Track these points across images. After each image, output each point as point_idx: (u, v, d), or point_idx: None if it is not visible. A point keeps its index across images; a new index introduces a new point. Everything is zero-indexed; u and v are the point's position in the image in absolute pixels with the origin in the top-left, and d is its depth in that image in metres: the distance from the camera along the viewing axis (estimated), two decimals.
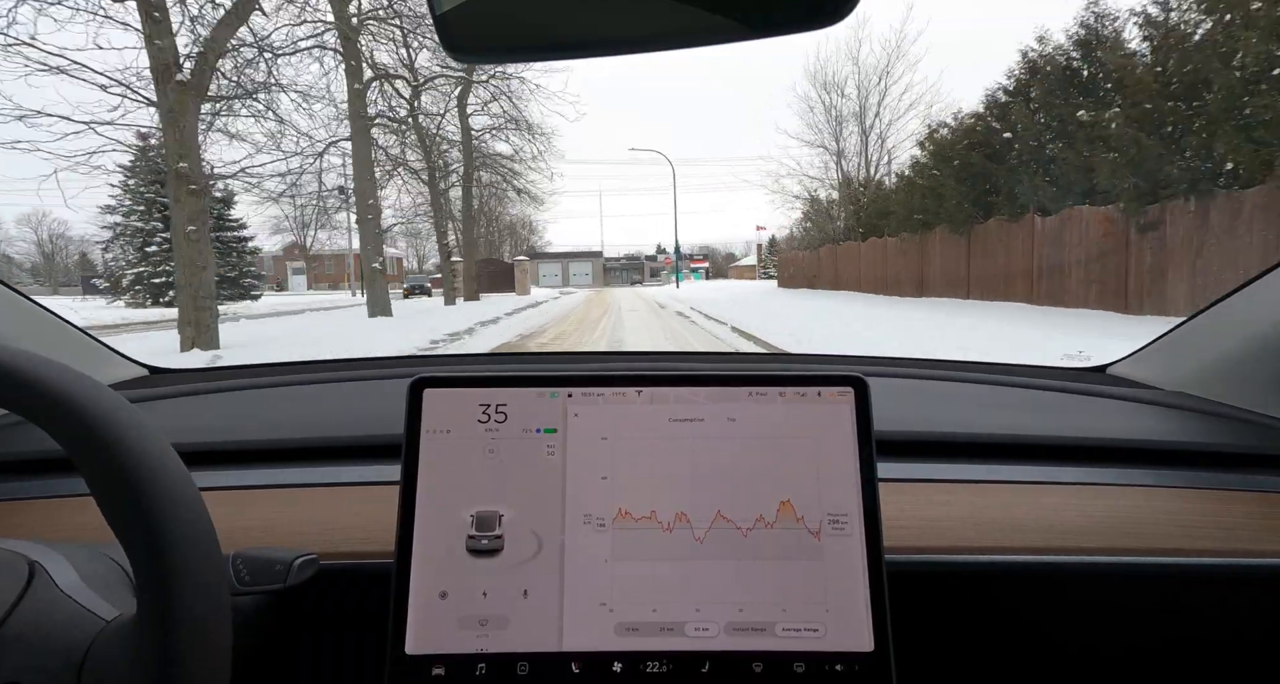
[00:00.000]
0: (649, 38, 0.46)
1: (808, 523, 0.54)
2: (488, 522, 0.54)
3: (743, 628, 0.52)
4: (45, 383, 0.41)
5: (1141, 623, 0.65)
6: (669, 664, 0.51)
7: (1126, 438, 0.80)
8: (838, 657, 0.51)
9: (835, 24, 0.44)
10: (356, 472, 0.74)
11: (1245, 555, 0.62)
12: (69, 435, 0.40)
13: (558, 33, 0.46)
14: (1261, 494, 0.70)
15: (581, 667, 0.51)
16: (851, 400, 0.56)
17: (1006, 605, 0.64)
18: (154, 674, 0.37)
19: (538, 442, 0.55)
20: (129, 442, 0.40)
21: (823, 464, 0.55)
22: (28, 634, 0.41)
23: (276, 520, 0.66)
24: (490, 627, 0.52)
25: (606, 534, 0.54)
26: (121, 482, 0.39)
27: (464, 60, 0.48)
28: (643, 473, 0.55)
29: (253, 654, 0.54)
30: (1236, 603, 0.64)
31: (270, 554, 0.53)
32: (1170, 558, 0.62)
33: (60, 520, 0.67)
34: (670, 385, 0.57)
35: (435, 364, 1.23)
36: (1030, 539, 0.63)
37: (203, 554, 0.40)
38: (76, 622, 0.42)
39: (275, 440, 0.81)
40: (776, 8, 0.45)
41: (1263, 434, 0.80)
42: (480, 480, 0.54)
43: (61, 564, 0.46)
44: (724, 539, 0.54)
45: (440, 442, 0.55)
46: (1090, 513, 0.66)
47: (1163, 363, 0.99)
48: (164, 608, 0.38)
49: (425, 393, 0.56)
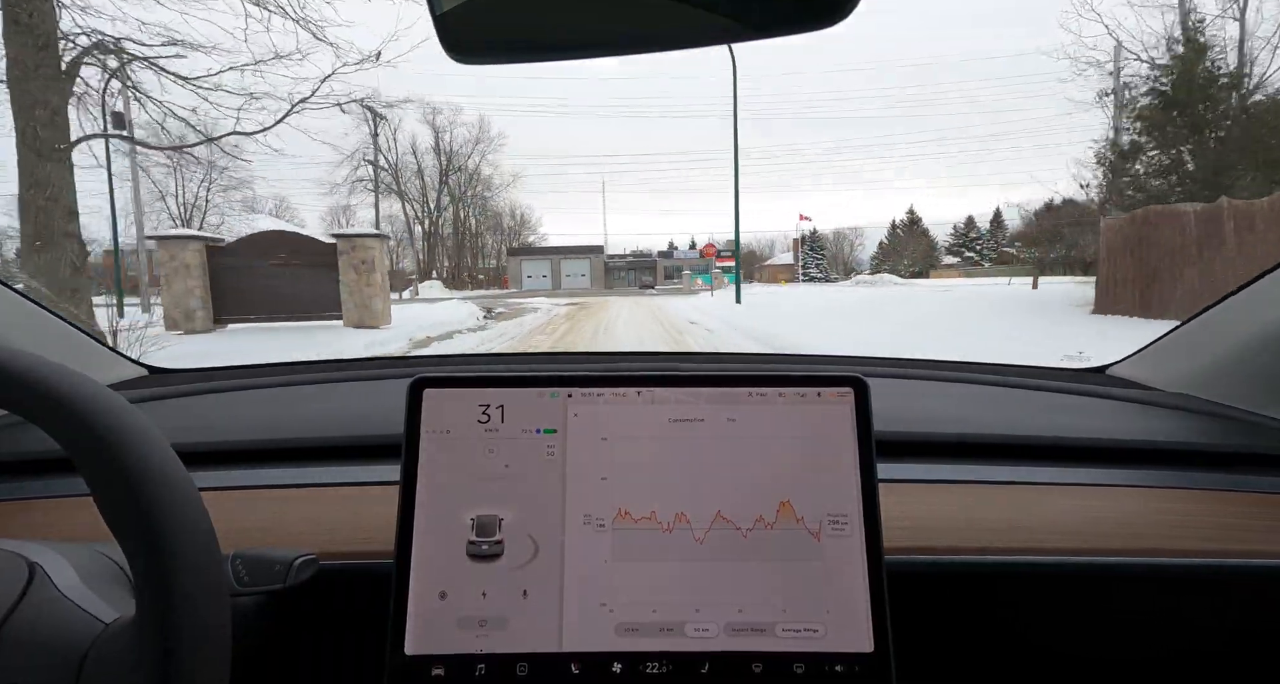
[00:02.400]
0: (649, 38, 0.46)
1: (807, 523, 0.54)
2: (488, 527, 0.54)
3: (742, 629, 0.52)
4: (44, 383, 0.40)
5: (1141, 623, 0.65)
6: (669, 665, 0.51)
7: (1126, 438, 0.80)
8: (838, 657, 0.51)
9: (835, 24, 0.44)
10: (356, 472, 0.74)
11: (1245, 556, 0.62)
12: (69, 436, 0.40)
13: (558, 33, 0.46)
14: (1261, 494, 0.70)
15: (581, 667, 0.51)
16: (851, 401, 0.56)
17: (1006, 606, 0.64)
18: (154, 677, 0.37)
19: (537, 442, 0.55)
20: (128, 442, 0.40)
21: (822, 464, 0.55)
22: (27, 636, 0.41)
23: (276, 520, 0.66)
24: (490, 627, 0.52)
25: (606, 535, 0.54)
26: (121, 482, 0.39)
27: (464, 61, 0.48)
28: (643, 473, 0.55)
29: (253, 655, 0.54)
30: (1236, 603, 0.64)
31: (270, 554, 0.53)
32: (1170, 558, 0.62)
33: (60, 520, 0.67)
34: (670, 386, 0.57)
35: (435, 364, 1.23)
36: (1030, 540, 0.63)
37: (202, 555, 0.40)
38: (75, 624, 0.42)
39: (275, 440, 0.81)
40: (776, 8, 0.45)
41: (1262, 434, 0.80)
42: (480, 481, 0.54)
43: (60, 564, 0.46)
44: (724, 540, 0.54)
45: (440, 442, 0.55)
46: (1090, 513, 0.66)
47: (1162, 364, 0.99)
48: (163, 610, 0.38)
49: (425, 393, 0.56)
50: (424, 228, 52.43)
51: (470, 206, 56.00)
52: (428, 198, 52.38)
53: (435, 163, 52.34)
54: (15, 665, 0.40)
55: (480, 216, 58.07)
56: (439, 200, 53.09)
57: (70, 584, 0.45)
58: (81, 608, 0.43)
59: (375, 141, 25.62)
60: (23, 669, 0.40)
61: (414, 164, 51.00)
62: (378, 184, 25.24)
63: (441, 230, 54.26)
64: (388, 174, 46.69)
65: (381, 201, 43.54)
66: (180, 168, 26.01)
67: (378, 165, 24.61)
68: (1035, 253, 19.52)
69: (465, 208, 55.60)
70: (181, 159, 15.17)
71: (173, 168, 28.84)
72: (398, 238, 51.11)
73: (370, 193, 39.92)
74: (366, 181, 24.71)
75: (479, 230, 59.75)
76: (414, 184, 51.59)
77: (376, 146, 24.68)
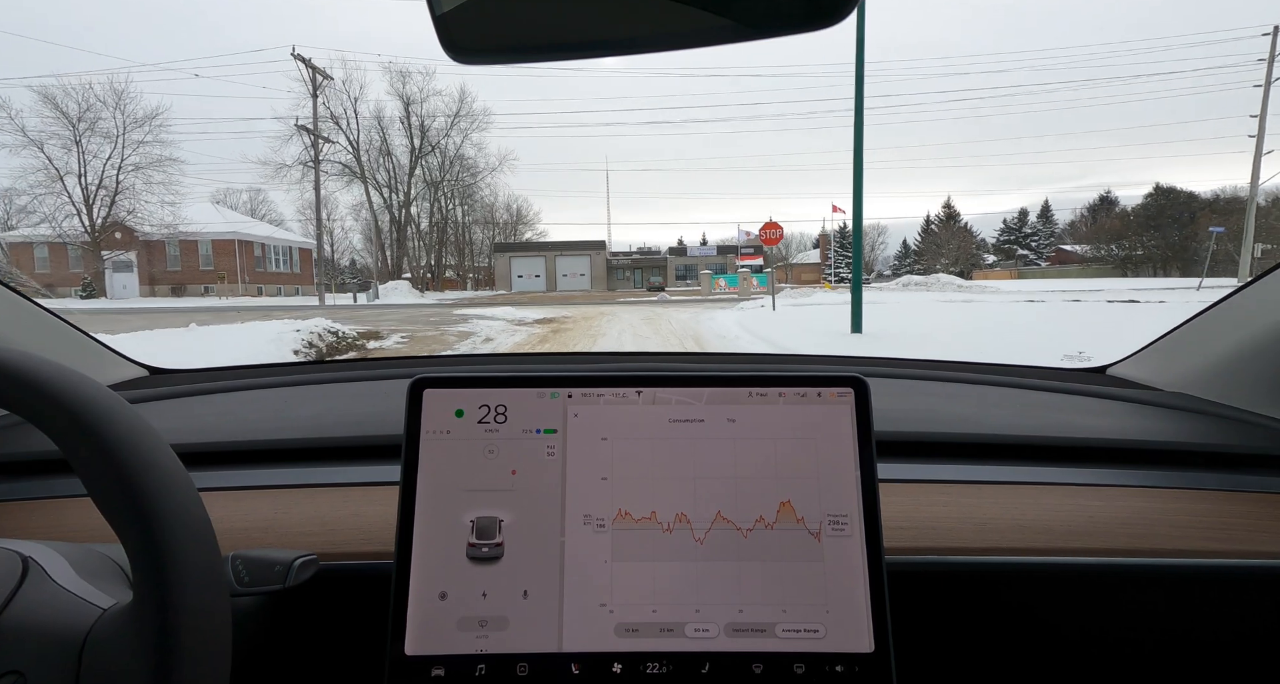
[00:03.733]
0: (649, 38, 0.46)
1: (808, 523, 0.54)
2: (488, 529, 0.54)
3: (743, 629, 0.52)
4: (44, 383, 0.41)
5: (1141, 623, 0.65)
6: (669, 665, 0.51)
7: (1126, 438, 0.80)
8: (838, 658, 0.51)
9: (835, 24, 0.44)
10: (356, 472, 0.74)
11: (1245, 556, 0.62)
12: (68, 436, 0.40)
13: (558, 33, 0.46)
14: (1261, 495, 0.70)
15: (581, 668, 0.51)
16: (851, 401, 0.56)
17: (1006, 606, 0.64)
18: (154, 657, 0.38)
19: (538, 442, 0.55)
20: (127, 443, 0.40)
21: (823, 465, 0.55)
22: (25, 625, 0.41)
23: (276, 521, 0.66)
24: (490, 627, 0.52)
25: (606, 535, 0.54)
26: (120, 483, 0.39)
27: (464, 61, 0.48)
28: (643, 473, 0.55)
29: (253, 655, 0.54)
30: (1236, 603, 0.64)
31: (270, 555, 0.53)
32: (1170, 559, 0.62)
33: (60, 520, 0.67)
34: (670, 386, 0.57)
35: (435, 364, 1.23)
36: (1030, 540, 0.63)
37: (202, 554, 0.40)
38: (73, 611, 0.42)
39: (275, 440, 0.81)
40: (776, 8, 0.45)
41: (1262, 435, 0.80)
42: (480, 481, 0.54)
43: (55, 559, 0.46)
44: (724, 540, 0.54)
45: (440, 442, 0.55)
46: (1090, 513, 0.66)
47: (1162, 363, 0.99)
48: (162, 594, 0.38)
49: (425, 393, 0.56)
50: (392, 217, 44.99)
51: (452, 194, 48.20)
52: (397, 183, 44.65)
53: (407, 143, 44.44)
54: (16, 653, 0.40)
55: (466, 206, 50.44)
56: (409, 185, 44.87)
57: (66, 576, 0.45)
58: (78, 597, 0.43)
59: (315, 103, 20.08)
60: (23, 656, 0.40)
61: (379, 142, 43.72)
62: (318, 160, 20.63)
63: (419, 221, 46.91)
64: (346, 152, 39.61)
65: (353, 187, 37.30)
66: (84, 140, 20.68)
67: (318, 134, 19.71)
68: (1122, 249, 17.19)
69: (445, 195, 47.99)
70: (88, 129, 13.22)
71: (74, 141, 22.98)
72: (366, 231, 43.52)
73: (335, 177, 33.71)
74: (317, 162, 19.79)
75: (466, 223, 51.55)
76: (383, 167, 44.35)
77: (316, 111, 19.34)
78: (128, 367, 1.07)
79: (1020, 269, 49.33)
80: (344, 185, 40.31)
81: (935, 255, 53.11)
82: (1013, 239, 56.82)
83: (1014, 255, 55.55)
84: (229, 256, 35.12)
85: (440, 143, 45.45)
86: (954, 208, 58.67)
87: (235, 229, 35.45)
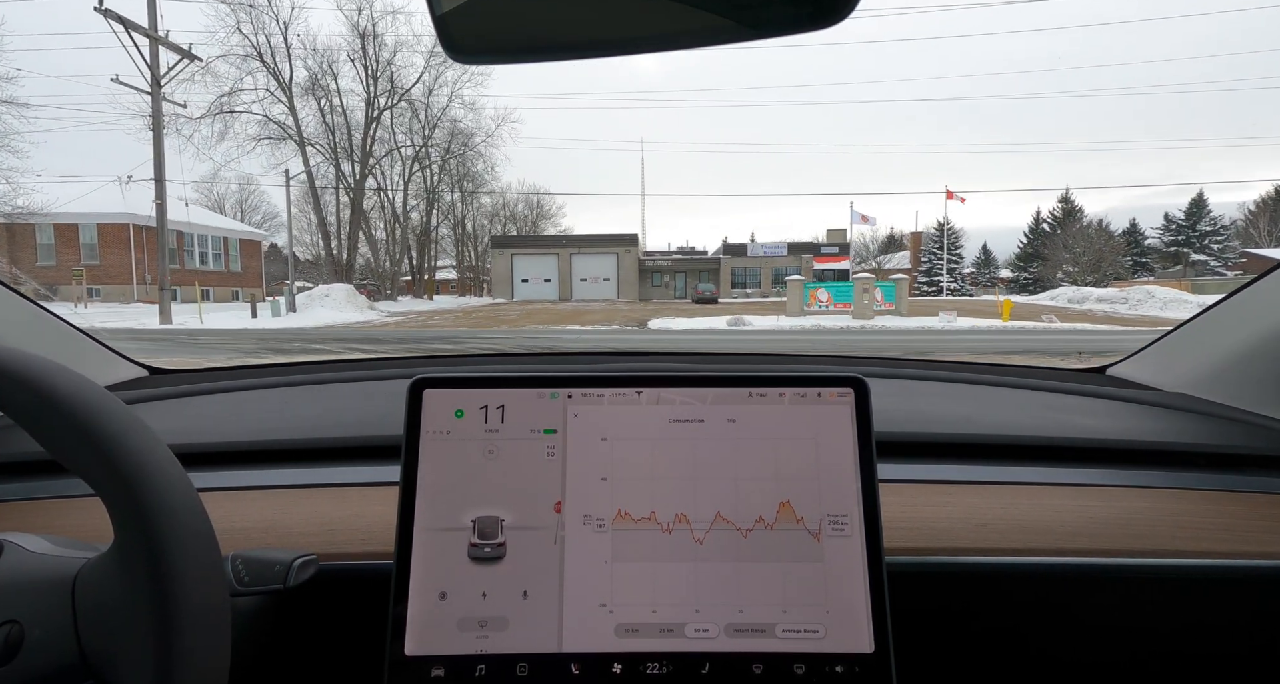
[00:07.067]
0: (649, 38, 0.46)
1: (808, 524, 0.54)
2: (489, 530, 0.54)
3: (743, 629, 0.52)
4: (42, 383, 0.40)
5: (1141, 624, 0.65)
6: (669, 665, 0.51)
7: (1126, 439, 0.80)
8: (838, 658, 0.51)
9: (835, 24, 0.44)
10: (356, 472, 0.74)
11: (1245, 556, 0.62)
12: (67, 437, 0.40)
13: (558, 33, 0.46)
14: (1261, 495, 0.70)
15: (581, 668, 0.51)
16: (851, 401, 0.56)
17: (1006, 606, 0.64)
18: (150, 594, 0.38)
19: (538, 442, 0.55)
20: (125, 444, 0.40)
21: (823, 465, 0.55)
22: (13, 580, 0.43)
23: (276, 521, 0.66)
24: (490, 628, 0.52)
25: (606, 535, 0.54)
26: (119, 484, 0.39)
27: (464, 61, 0.48)
28: (643, 474, 0.55)
29: (253, 655, 0.54)
30: (1237, 604, 0.64)
31: (270, 555, 0.53)
32: (1170, 559, 0.62)
33: (60, 521, 0.67)
34: (670, 386, 0.57)
35: (435, 364, 1.23)
36: (1030, 540, 0.63)
37: (202, 555, 0.40)
38: (57, 564, 0.45)
39: (275, 441, 0.81)
40: (776, 8, 0.45)
41: (1262, 435, 0.80)
42: (480, 481, 0.54)
43: (31, 539, 0.48)
44: (724, 540, 0.54)
45: (440, 442, 0.55)
46: (1090, 514, 0.66)
47: (1162, 364, 0.99)
48: (164, 591, 0.39)
49: (425, 393, 0.56)
50: (346, 194, 28.78)
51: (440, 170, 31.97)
52: (354, 148, 28.19)
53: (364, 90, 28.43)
54: (7, 604, 0.42)
55: (466, 188, 34.04)
56: (365, 151, 28.31)
57: (44, 548, 0.47)
58: (59, 557, 0.46)
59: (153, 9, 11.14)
60: (17, 605, 0.42)
61: (327, 85, 27.55)
62: (158, 119, 12.21)
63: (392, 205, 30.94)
64: (272, 98, 25.62)
65: (285, 149, 23.09)
66: None
67: (156, 38, 11.64)
68: None
69: (430, 172, 31.78)
70: None
71: None
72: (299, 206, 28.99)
73: (265, 141, 21.36)
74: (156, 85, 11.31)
75: (464, 213, 36.71)
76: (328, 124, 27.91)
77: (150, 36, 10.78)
78: (127, 366, 1.07)
79: (1194, 279, 34.07)
80: (272, 147, 27.15)
81: (1056, 262, 39.90)
82: (1183, 239, 42.00)
83: (1184, 260, 41.30)
84: (119, 250, 25.36)
85: (409, 95, 29.65)
86: (1072, 202, 44.77)
87: (129, 211, 24.65)
